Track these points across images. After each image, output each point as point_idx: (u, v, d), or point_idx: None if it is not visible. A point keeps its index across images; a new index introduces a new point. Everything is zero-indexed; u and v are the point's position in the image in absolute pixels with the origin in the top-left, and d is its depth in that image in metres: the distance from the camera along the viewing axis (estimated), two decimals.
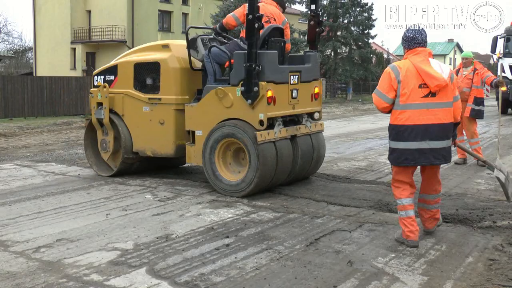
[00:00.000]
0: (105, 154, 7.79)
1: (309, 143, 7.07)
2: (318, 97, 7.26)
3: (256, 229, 5.16)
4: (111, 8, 38.78)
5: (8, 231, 5.06)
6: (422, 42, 4.63)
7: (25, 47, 55.28)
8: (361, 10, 39.59)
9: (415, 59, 4.55)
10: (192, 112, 6.87)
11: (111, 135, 7.66)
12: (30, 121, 18.44)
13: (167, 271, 4.05)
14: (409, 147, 4.55)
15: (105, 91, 7.57)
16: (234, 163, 6.70)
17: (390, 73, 4.57)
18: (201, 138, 6.75)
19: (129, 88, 7.49)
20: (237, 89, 6.39)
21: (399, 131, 4.56)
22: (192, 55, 7.11)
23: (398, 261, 4.29)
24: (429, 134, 4.51)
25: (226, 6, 33.92)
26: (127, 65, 7.56)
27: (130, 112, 7.50)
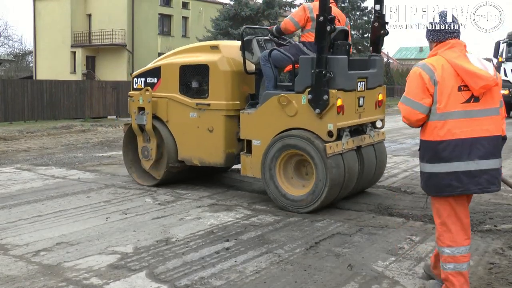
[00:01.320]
0: (146, 163, 7.26)
1: (373, 153, 6.56)
2: (382, 104, 6.72)
3: (256, 232, 5.15)
4: (111, 12, 38.85)
5: (8, 235, 5.06)
6: (455, 32, 3.58)
7: (25, 50, 55.35)
8: (361, 14, 39.68)
9: (449, 55, 3.49)
10: (249, 120, 6.30)
11: (153, 142, 7.12)
12: (30, 125, 18.44)
13: (167, 274, 4.04)
14: (454, 169, 3.40)
15: (148, 95, 7.02)
16: (296, 176, 6.14)
17: (421, 73, 3.46)
18: (259, 149, 6.19)
19: (174, 92, 6.95)
20: (302, 97, 5.84)
21: (438, 148, 3.42)
22: (247, 58, 6.57)
23: (398, 265, 4.29)
24: (477, 151, 3.40)
25: (226, 10, 33.98)
26: (172, 67, 7.00)
27: (175, 118, 6.96)
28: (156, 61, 7.42)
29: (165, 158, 7.03)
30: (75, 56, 40.77)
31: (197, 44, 7.48)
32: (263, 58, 6.33)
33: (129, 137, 7.50)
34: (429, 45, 3.69)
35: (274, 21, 34.29)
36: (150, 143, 7.16)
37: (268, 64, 6.28)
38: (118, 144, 12.82)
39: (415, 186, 7.03)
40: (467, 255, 3.48)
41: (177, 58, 7.10)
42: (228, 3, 35.44)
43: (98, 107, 21.94)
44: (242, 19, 33.33)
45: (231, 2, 34.68)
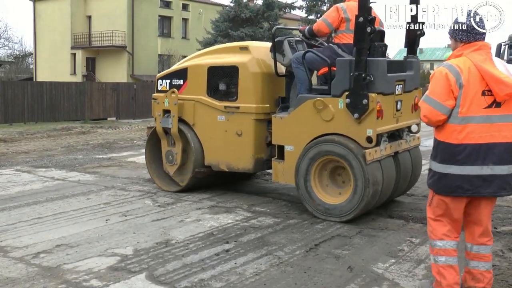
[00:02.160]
0: (171, 167, 6.98)
1: (409, 159, 6.27)
2: (418, 108, 6.23)
3: (256, 234, 5.15)
4: (111, 13, 38.88)
5: (8, 237, 5.06)
6: (484, 33, 3.55)
7: (25, 52, 55.37)
8: None
9: (476, 57, 3.46)
10: (282, 125, 6.03)
11: (179, 147, 6.84)
12: (30, 127, 18.44)
13: (167, 276, 4.04)
14: (467, 172, 3.43)
15: (174, 98, 6.74)
16: (331, 183, 5.86)
17: (447, 74, 3.42)
18: (292, 155, 5.91)
19: (202, 94, 6.67)
20: (339, 101, 5.58)
21: (455, 151, 3.44)
22: (278, 60, 6.32)
23: (398, 267, 4.29)
24: (492, 156, 3.42)
25: (226, 12, 34.01)
26: (200, 69, 6.73)
27: (202, 121, 6.69)
28: (182, 62, 7.21)
29: (190, 163, 6.79)
30: (75, 57, 40.79)
31: (225, 45, 7.25)
32: (295, 60, 6.06)
33: (152, 140, 7.26)
34: (454, 44, 3.64)
35: (274, 23, 34.36)
36: (175, 147, 6.89)
37: (301, 66, 6.01)
38: (118, 146, 12.83)
39: (415, 188, 7.03)
40: (456, 250, 3.57)
41: (205, 59, 6.86)
42: (228, 5, 35.49)
43: (98, 109, 21.95)
44: (242, 20, 33.38)
45: (231, 3, 34.73)
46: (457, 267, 3.56)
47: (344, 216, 5.54)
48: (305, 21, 40.46)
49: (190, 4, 42.81)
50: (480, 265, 3.60)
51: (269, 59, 6.43)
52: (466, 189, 3.44)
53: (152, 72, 38.64)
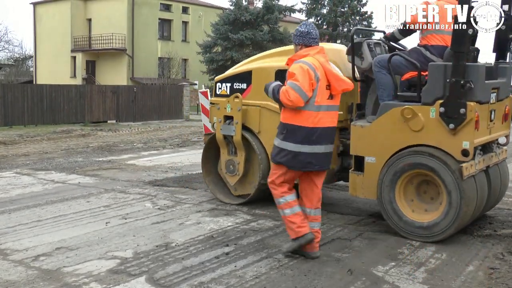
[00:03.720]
0: (232, 178, 6.43)
1: (498, 173, 5.82)
2: (508, 118, 5.97)
3: (256, 237, 5.15)
4: (111, 16, 38.94)
5: (7, 240, 5.05)
6: (316, 38, 4.57)
7: (26, 55, 55.46)
8: (360, 19, 39.77)
9: (320, 58, 4.45)
10: (362, 134, 5.47)
11: (241, 156, 6.28)
12: (30, 129, 18.45)
13: (167, 279, 4.03)
14: (317, 151, 4.41)
15: (238, 103, 6.18)
16: (416, 199, 5.29)
17: (308, 70, 4.30)
18: (374, 167, 5.37)
19: (268, 99, 5.81)
20: (431, 109, 5.04)
21: (310, 133, 4.36)
22: (356, 63, 5.82)
23: (398, 270, 4.28)
24: (329, 138, 4.53)
25: (226, 15, 34.07)
26: (266, 72, 6.15)
27: (269, 129, 5.99)
28: (243, 64, 6.70)
29: (254, 173, 6.31)
30: (75, 60, 40.84)
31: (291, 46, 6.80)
32: (377, 63, 5.53)
33: (210, 148, 6.73)
34: (295, 47, 4.65)
35: (274, 26, 34.42)
36: (237, 156, 6.33)
37: (384, 70, 5.48)
38: (118, 148, 12.83)
39: None
40: (296, 201, 4.52)
41: (270, 61, 6.33)
42: (228, 8, 35.54)
43: (98, 112, 21.96)
44: (242, 23, 33.43)
45: (231, 7, 34.78)
46: (300, 212, 4.49)
47: (435, 236, 4.99)
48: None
49: (190, 7, 42.88)
50: (316, 225, 4.59)
51: (340, 62, 5.90)
52: (315, 164, 4.44)
53: (152, 75, 38.70)
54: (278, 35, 34.60)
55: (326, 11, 39.52)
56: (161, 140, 15.25)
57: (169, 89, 25.61)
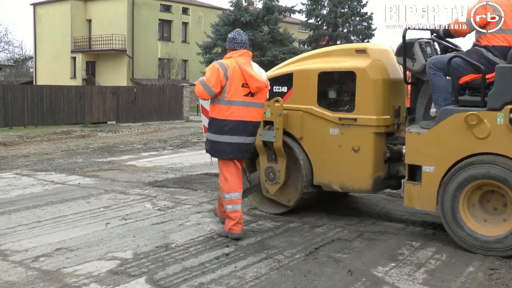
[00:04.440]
0: (272, 186, 6.03)
1: None
2: None
3: (256, 238, 5.14)
4: (111, 17, 38.97)
5: (7, 240, 5.05)
6: (241, 43, 5.13)
7: (26, 56, 55.49)
8: (360, 20, 39.80)
9: (240, 60, 5.04)
10: (419, 141, 5.10)
11: (282, 163, 5.90)
12: (30, 130, 18.46)
13: (167, 280, 4.03)
14: (229, 140, 5.05)
15: (279, 107, 5.76)
16: (480, 210, 4.94)
17: (219, 69, 4.95)
18: (433, 176, 5.01)
19: (311, 103, 5.76)
20: (498, 115, 4.68)
21: (222, 125, 5.02)
22: (407, 65, 5.46)
23: (398, 270, 4.28)
24: (246, 131, 5.08)
25: (226, 15, 34.09)
26: (309, 74, 5.83)
27: (311, 134, 5.79)
28: (282, 66, 6.33)
29: (295, 181, 5.96)
30: (75, 61, 40.86)
31: (337, 46, 6.34)
32: (432, 65, 5.16)
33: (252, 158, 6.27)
34: (227, 51, 5.21)
35: (274, 27, 34.43)
36: (277, 163, 5.94)
37: (440, 72, 5.13)
38: (118, 149, 12.83)
39: None
40: (240, 199, 5.14)
41: (313, 63, 5.96)
42: (228, 9, 35.56)
43: (98, 113, 21.98)
44: (242, 24, 33.43)
45: (231, 7, 34.80)
46: (241, 211, 5.14)
47: (506, 251, 4.63)
48: (305, 25, 40.60)
49: (190, 8, 42.92)
50: (238, 207, 5.14)
51: (389, 63, 5.65)
52: (228, 153, 5.08)
53: (152, 76, 38.73)
54: (278, 36, 34.63)
55: (326, 11, 39.53)
56: (161, 141, 15.25)
57: (169, 90, 25.63)
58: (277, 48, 33.64)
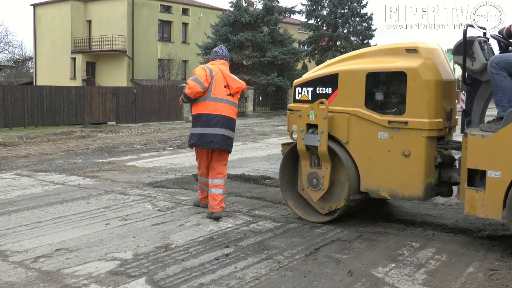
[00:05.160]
0: (315, 193, 5.72)
1: None
2: None
3: (255, 239, 5.14)
4: (111, 18, 38.97)
5: (7, 241, 5.05)
6: (222, 55, 6.24)
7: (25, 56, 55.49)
8: (360, 20, 39.81)
9: (221, 67, 6.08)
10: (483, 145, 4.82)
11: (327, 169, 5.61)
12: (30, 131, 18.46)
13: (167, 281, 4.03)
14: (217, 132, 5.87)
15: (324, 110, 5.49)
16: None
17: (205, 69, 5.99)
18: (499, 182, 4.72)
19: (358, 106, 5.46)
20: None
21: (210, 118, 5.88)
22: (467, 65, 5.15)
23: (398, 271, 4.28)
24: (227, 125, 5.94)
25: (226, 16, 34.07)
26: (356, 75, 5.52)
27: (358, 138, 5.50)
28: (325, 66, 6.03)
29: (338, 188, 5.68)
30: (75, 62, 40.86)
31: (385, 45, 5.98)
32: (495, 64, 4.90)
33: (289, 160, 6.07)
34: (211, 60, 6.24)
35: (274, 27, 34.44)
36: (321, 169, 5.67)
37: (504, 72, 4.88)
38: (118, 150, 12.83)
39: None
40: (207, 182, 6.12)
41: (359, 63, 5.68)
42: (228, 9, 35.56)
43: (98, 113, 21.98)
44: (242, 25, 33.43)
45: (231, 8, 34.79)
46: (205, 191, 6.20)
47: None
48: (305, 25, 40.60)
49: (190, 8, 42.92)
50: (217, 190, 5.98)
51: (440, 63, 5.39)
52: (216, 143, 5.88)
53: (152, 77, 38.75)
54: (278, 36, 34.62)
55: (326, 12, 39.54)
56: (161, 141, 15.25)
57: (169, 91, 25.64)
58: (277, 49, 33.62)
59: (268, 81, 32.15)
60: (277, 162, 10.44)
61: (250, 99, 30.47)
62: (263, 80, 32.21)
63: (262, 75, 32.71)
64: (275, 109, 33.37)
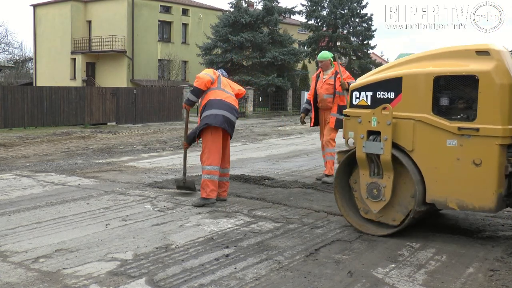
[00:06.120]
0: (375, 204, 5.35)
1: None
2: None
3: (256, 239, 5.14)
4: (111, 18, 38.99)
5: (7, 242, 5.05)
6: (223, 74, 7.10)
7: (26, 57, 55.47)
8: (360, 21, 39.85)
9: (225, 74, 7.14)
10: None
11: (389, 178, 5.27)
12: (30, 131, 18.46)
13: (167, 281, 4.03)
14: (228, 116, 6.69)
15: (387, 116, 5.17)
16: None
17: (208, 71, 6.90)
18: None
19: (425, 111, 5.09)
20: None
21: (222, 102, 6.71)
22: None
23: (398, 272, 4.28)
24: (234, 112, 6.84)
25: (226, 17, 34.09)
26: (422, 78, 5.14)
27: (424, 146, 5.13)
28: (386, 69, 5.66)
29: (401, 198, 5.30)
30: (75, 62, 40.87)
31: (452, 47, 5.59)
32: None
33: (345, 168, 5.68)
34: None
35: (273, 28, 34.46)
36: (383, 178, 5.32)
37: None
38: (118, 150, 12.83)
39: None
40: (218, 171, 6.62)
41: (425, 66, 5.28)
42: (228, 10, 35.58)
43: (98, 114, 21.98)
44: (241, 25, 33.46)
45: (230, 9, 34.81)
46: (216, 182, 6.57)
47: None
48: (304, 26, 40.63)
49: (190, 9, 42.94)
50: (225, 179, 6.83)
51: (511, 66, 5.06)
52: (223, 122, 6.55)
53: (152, 77, 38.75)
54: (278, 37, 34.65)
55: (326, 13, 39.58)
56: (161, 142, 15.26)
57: (169, 91, 25.64)
58: (277, 49, 33.64)
59: (268, 81, 32.17)
60: (277, 162, 10.45)
61: (250, 100, 30.48)
62: (263, 81, 32.22)
63: (262, 76, 32.73)
64: (275, 110, 33.38)
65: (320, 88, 8.33)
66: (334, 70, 8.26)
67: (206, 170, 6.53)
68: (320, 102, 8.41)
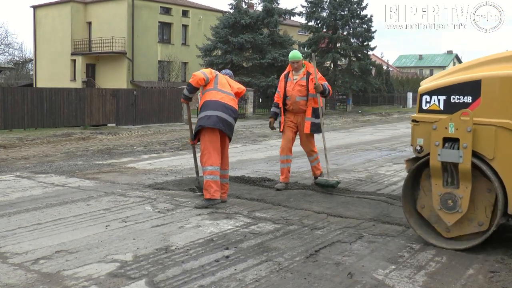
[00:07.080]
0: (450, 216, 4.94)
1: None
2: None
3: (256, 240, 5.14)
4: (111, 20, 39.03)
5: (7, 243, 5.05)
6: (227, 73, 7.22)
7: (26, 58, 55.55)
8: (360, 22, 39.89)
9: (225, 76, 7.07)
10: None
11: (466, 188, 4.87)
12: (30, 132, 18.46)
13: (167, 283, 4.03)
14: (222, 116, 6.65)
15: (468, 122, 4.75)
16: None
17: (210, 70, 6.95)
18: None
19: (507, 117, 4.69)
20: None
21: (217, 103, 6.70)
22: None
23: (399, 273, 4.28)
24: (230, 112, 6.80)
25: (226, 18, 34.11)
26: (505, 81, 4.74)
27: (507, 154, 4.72)
28: (458, 70, 5.28)
29: (477, 210, 4.94)
30: (75, 63, 40.91)
31: None
32: None
33: (414, 177, 5.32)
34: None
35: (274, 29, 34.49)
36: (459, 188, 4.91)
37: None
38: (118, 152, 12.83)
39: None
40: (219, 171, 6.60)
41: (505, 68, 4.88)
42: (227, 11, 35.61)
43: (98, 115, 21.98)
44: (242, 27, 33.48)
45: (230, 10, 34.84)
46: (218, 182, 6.56)
47: None
48: (304, 27, 40.64)
49: (190, 10, 42.99)
50: (224, 180, 6.84)
51: None
52: (222, 126, 6.55)
53: (152, 78, 38.77)
54: (278, 38, 34.67)
55: (326, 14, 39.61)
56: (161, 143, 15.25)
57: (169, 93, 25.64)
58: (277, 51, 33.66)
59: (268, 83, 32.17)
60: (277, 164, 10.43)
61: (250, 101, 30.49)
62: (263, 82, 32.24)
63: (262, 77, 32.75)
64: None
65: (292, 89, 7.72)
66: (305, 71, 7.76)
67: (208, 171, 6.49)
68: (291, 105, 7.83)
